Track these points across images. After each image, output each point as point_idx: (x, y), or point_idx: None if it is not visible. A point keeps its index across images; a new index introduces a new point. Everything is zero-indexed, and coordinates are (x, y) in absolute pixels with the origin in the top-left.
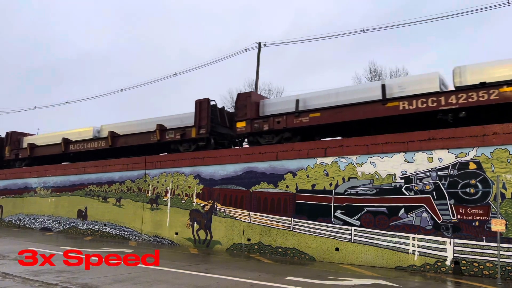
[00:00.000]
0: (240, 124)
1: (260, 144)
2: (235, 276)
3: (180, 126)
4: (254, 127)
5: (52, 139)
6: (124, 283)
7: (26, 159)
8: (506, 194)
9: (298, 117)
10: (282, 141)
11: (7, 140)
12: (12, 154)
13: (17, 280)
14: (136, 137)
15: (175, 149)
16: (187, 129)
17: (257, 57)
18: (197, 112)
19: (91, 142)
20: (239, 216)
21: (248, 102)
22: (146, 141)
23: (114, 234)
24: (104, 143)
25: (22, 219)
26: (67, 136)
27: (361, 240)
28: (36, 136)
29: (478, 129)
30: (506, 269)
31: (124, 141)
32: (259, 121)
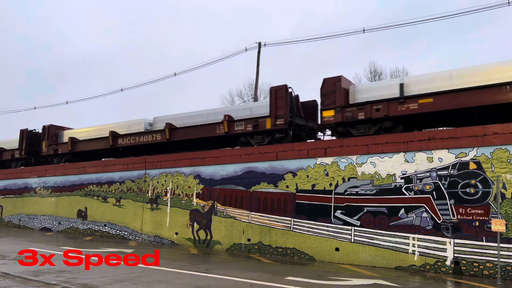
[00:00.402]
0: (328, 113)
1: (352, 135)
2: (235, 276)
3: (252, 117)
4: (345, 116)
5: (97, 132)
6: (124, 283)
7: (66, 154)
8: (506, 194)
9: (404, 104)
10: (381, 132)
11: (44, 135)
12: (51, 150)
13: (17, 280)
14: (198, 129)
15: (245, 142)
16: (260, 120)
17: (257, 57)
18: (272, 100)
19: (144, 135)
20: (239, 216)
21: (338, 88)
22: (210, 134)
23: (114, 234)
24: (160, 136)
25: (22, 219)
26: (113, 129)
27: (361, 240)
28: (77, 130)
29: (478, 129)
30: (506, 269)
31: (183, 134)
32: (352, 109)
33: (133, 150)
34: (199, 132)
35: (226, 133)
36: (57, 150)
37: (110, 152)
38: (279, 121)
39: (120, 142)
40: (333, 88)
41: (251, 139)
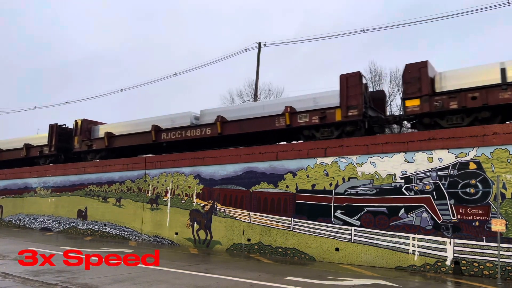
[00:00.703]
0: (412, 103)
1: (441, 127)
2: (235, 276)
3: (317, 108)
4: (434, 106)
5: (136, 127)
6: (124, 283)
7: (102, 150)
8: (506, 194)
9: (507, 91)
10: (476, 123)
11: (76, 130)
12: (84, 146)
13: (17, 280)
14: (254, 122)
15: (309, 136)
16: (328, 111)
17: (257, 57)
18: (343, 89)
19: (191, 129)
20: (239, 216)
21: (423, 75)
22: (268, 127)
23: (114, 234)
24: (210, 131)
25: (22, 219)
26: (155, 123)
27: (361, 240)
28: (112, 125)
29: (478, 129)
30: (506, 269)
31: (236, 127)
32: (442, 98)
33: (177, 146)
34: (255, 125)
35: (287, 126)
36: (91, 146)
37: (152, 148)
38: (352, 112)
39: (164, 137)
40: (418, 75)
41: (317, 133)
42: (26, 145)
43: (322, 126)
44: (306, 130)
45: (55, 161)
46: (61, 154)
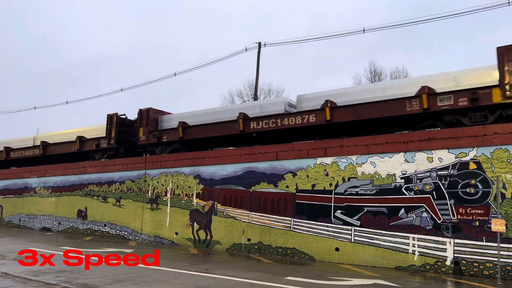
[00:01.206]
0: None
1: None
2: (235, 276)
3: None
4: None
5: (216, 116)
6: (124, 283)
7: (174, 143)
8: (506, 194)
9: None
10: None
11: (141, 120)
12: (152, 137)
13: (17, 280)
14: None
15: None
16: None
17: (257, 57)
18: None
19: (288, 117)
20: (239, 216)
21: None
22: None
23: (114, 234)
24: (314, 118)
25: (22, 219)
26: (241, 111)
27: (361, 240)
28: (185, 114)
29: (478, 129)
30: (506, 269)
31: (351, 114)
32: None
33: (269, 137)
34: (378, 111)
35: (424, 110)
36: (161, 138)
37: (237, 139)
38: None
39: (253, 127)
40: None
41: (464, 118)
42: (80, 138)
43: (472, 109)
44: (449, 115)
45: (115, 155)
46: (122, 148)
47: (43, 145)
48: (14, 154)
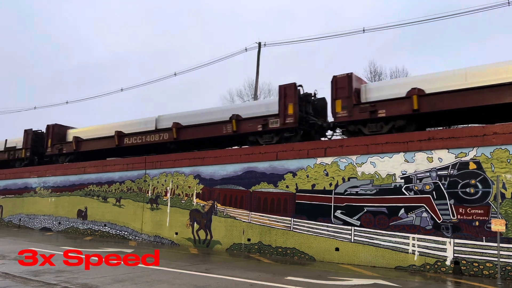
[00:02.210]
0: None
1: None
2: (235, 276)
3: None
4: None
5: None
6: (124, 283)
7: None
8: (506, 194)
9: None
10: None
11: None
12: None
13: (17, 280)
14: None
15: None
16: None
17: (257, 57)
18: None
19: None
20: (239, 216)
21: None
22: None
23: (114, 234)
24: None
25: (22, 219)
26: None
27: (361, 240)
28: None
29: (478, 129)
30: (506, 269)
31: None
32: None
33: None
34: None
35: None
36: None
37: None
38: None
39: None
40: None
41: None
42: None
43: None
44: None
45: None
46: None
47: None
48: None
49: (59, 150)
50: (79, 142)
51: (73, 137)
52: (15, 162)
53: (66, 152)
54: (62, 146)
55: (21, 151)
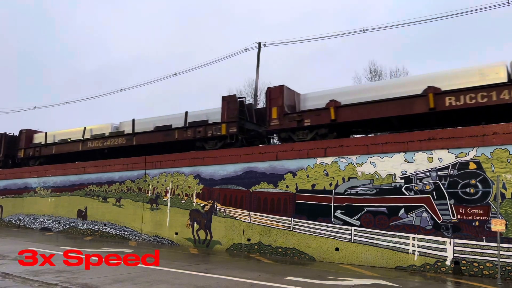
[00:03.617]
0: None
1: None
2: (235, 276)
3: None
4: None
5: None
6: (124, 283)
7: (40, 157)
8: (506, 194)
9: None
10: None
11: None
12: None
13: (17, 280)
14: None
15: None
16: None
17: (257, 57)
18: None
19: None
20: (239, 216)
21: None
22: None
23: (114, 234)
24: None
25: (22, 219)
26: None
27: (361, 240)
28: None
29: (478, 129)
30: (506, 269)
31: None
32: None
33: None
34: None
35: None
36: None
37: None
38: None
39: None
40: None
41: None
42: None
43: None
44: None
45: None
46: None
47: None
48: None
49: (29, 154)
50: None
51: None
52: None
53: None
54: (30, 151)
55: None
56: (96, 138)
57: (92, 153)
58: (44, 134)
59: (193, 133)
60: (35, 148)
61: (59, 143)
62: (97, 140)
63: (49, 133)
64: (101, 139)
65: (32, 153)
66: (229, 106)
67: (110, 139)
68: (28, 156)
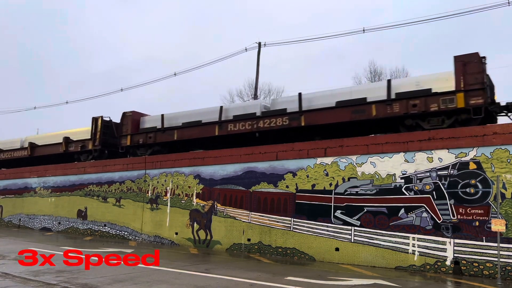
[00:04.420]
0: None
1: None
2: (235, 276)
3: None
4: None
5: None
6: (124, 283)
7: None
8: (506, 194)
9: None
10: None
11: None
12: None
13: (17, 280)
14: None
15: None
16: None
17: (257, 57)
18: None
19: None
20: (239, 216)
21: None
22: None
23: (114, 234)
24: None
25: (22, 219)
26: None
27: (361, 240)
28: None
29: (478, 129)
30: (506, 269)
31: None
32: None
33: None
34: None
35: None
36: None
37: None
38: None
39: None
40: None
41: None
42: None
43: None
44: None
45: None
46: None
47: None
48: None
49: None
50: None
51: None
52: None
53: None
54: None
55: None
56: (241, 119)
57: (233, 138)
58: (160, 117)
59: (403, 107)
60: (148, 134)
61: (183, 127)
62: (243, 122)
63: (166, 115)
64: (249, 120)
65: (144, 140)
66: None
67: (264, 120)
68: (137, 144)
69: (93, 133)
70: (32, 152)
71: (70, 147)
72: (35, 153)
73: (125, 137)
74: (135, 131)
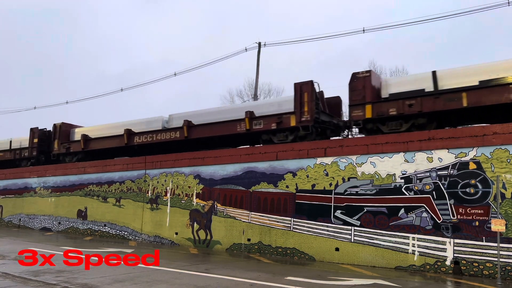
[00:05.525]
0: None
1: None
2: (235, 276)
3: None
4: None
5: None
6: (124, 283)
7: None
8: (506, 194)
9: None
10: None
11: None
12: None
13: (17, 280)
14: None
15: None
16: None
17: (257, 57)
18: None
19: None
20: (239, 216)
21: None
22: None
23: (114, 234)
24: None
25: (22, 219)
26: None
27: (361, 240)
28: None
29: (478, 129)
30: (506, 269)
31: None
32: None
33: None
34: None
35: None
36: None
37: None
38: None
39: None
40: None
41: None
42: None
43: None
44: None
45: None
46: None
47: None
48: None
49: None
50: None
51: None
52: None
53: None
54: None
55: None
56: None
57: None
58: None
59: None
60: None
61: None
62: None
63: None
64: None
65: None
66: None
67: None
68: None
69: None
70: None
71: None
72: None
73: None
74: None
